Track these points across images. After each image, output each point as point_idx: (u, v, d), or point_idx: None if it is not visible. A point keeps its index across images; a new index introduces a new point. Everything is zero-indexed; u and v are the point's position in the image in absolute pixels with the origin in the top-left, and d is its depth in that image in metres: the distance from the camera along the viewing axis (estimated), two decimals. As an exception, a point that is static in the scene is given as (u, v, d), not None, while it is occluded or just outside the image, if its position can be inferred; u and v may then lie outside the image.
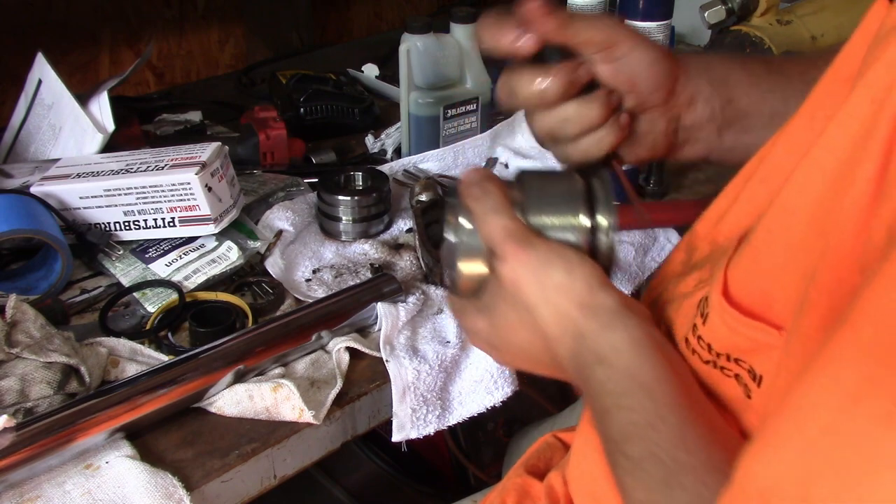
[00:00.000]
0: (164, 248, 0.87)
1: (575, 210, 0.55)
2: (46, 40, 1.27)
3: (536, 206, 0.55)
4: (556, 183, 0.57)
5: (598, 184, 0.56)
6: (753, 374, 0.45)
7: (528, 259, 0.52)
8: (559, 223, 0.55)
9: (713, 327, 0.48)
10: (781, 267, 0.43)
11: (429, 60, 1.06)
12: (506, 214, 0.53)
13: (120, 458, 0.64)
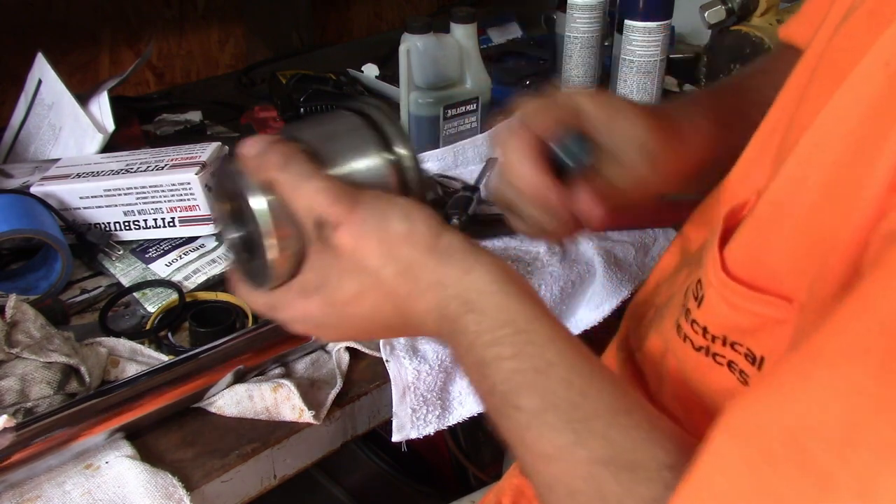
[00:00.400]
0: (164, 248, 0.87)
1: (374, 147, 0.50)
2: (46, 40, 1.27)
3: (333, 155, 0.50)
4: (338, 128, 0.52)
5: (380, 116, 0.52)
6: (752, 357, 0.44)
7: (362, 218, 0.47)
8: (364, 168, 0.49)
9: (711, 307, 0.46)
10: (791, 238, 0.41)
11: (429, 60, 1.06)
12: (320, 176, 0.48)
13: (120, 458, 0.64)
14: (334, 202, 0.47)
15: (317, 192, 0.47)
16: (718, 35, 1.22)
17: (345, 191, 0.47)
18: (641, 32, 1.16)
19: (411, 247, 0.46)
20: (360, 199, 0.47)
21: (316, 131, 0.51)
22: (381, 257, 0.47)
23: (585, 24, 1.22)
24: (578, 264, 0.90)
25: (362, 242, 0.47)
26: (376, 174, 0.50)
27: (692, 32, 1.48)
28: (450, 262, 0.46)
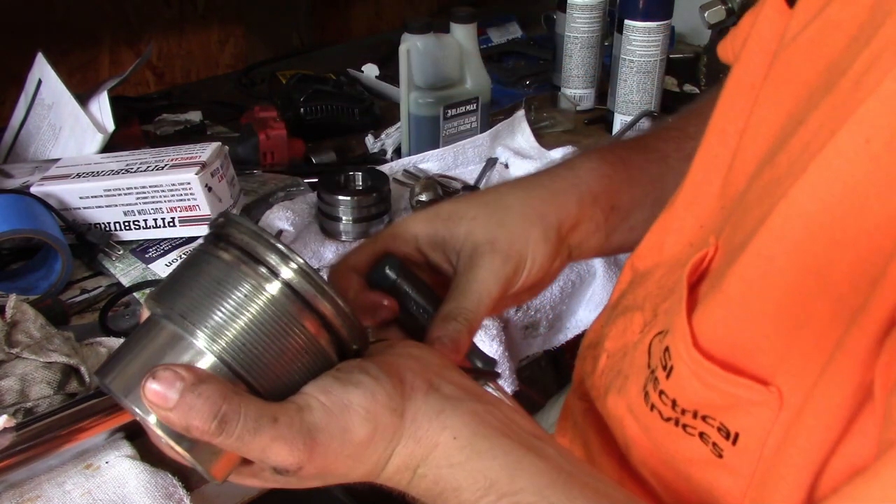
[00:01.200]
0: (164, 248, 0.87)
1: (244, 300, 0.40)
2: (46, 40, 1.27)
3: (250, 359, 0.40)
4: (207, 292, 0.40)
5: (245, 231, 0.41)
6: (726, 432, 0.42)
7: (324, 450, 0.41)
8: (289, 351, 0.40)
9: (680, 381, 0.44)
10: (764, 316, 0.39)
11: (429, 60, 1.06)
12: (267, 426, 0.39)
13: (120, 458, 0.64)
14: (290, 453, 0.40)
15: (266, 444, 0.40)
16: (718, 35, 1.22)
17: (298, 434, 0.40)
18: (641, 32, 1.16)
19: (375, 445, 0.42)
20: (315, 436, 0.40)
21: (181, 304, 0.40)
22: (350, 468, 0.44)
23: (585, 24, 1.22)
24: (578, 264, 0.90)
25: (330, 468, 0.42)
26: (311, 361, 0.41)
27: (692, 32, 1.48)
28: (416, 440, 0.42)
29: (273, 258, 0.41)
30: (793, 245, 0.38)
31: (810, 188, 0.37)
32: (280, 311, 0.41)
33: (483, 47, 1.24)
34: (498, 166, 1.10)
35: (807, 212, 0.37)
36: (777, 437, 0.40)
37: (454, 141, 1.11)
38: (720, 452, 0.43)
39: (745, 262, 0.40)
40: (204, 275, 0.40)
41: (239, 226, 0.41)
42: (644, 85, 1.18)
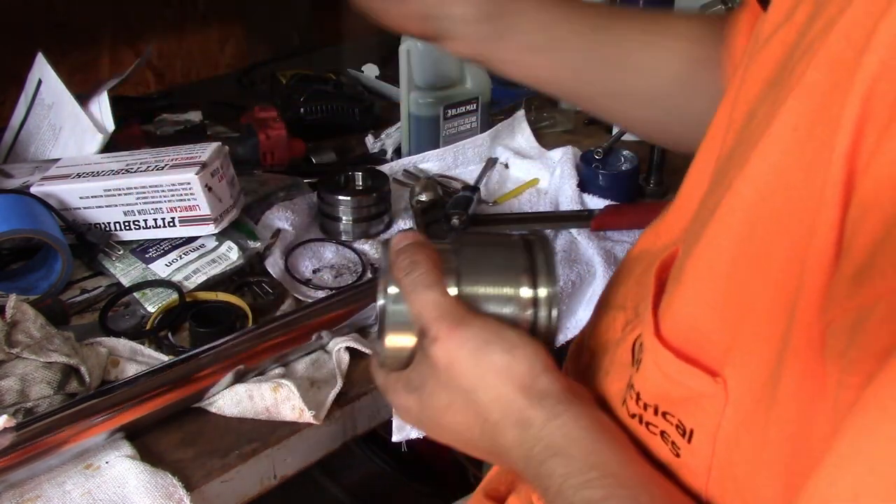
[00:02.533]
0: (164, 248, 0.87)
1: (514, 281, 0.49)
2: (46, 40, 1.27)
3: (473, 274, 0.50)
4: (495, 249, 0.52)
5: (541, 251, 0.51)
6: (683, 430, 0.42)
7: (463, 339, 0.47)
8: (496, 294, 0.49)
9: (645, 373, 0.44)
10: (712, 307, 0.40)
11: (429, 60, 1.06)
12: (436, 289, 0.48)
13: (120, 458, 0.64)
14: (439, 317, 0.48)
15: (426, 303, 0.48)
16: (718, 35, 1.22)
17: (456, 310, 0.48)
18: (641, 32, 1.15)
19: (505, 381, 0.46)
20: (466, 322, 0.48)
21: (476, 247, 0.52)
22: (474, 382, 0.47)
23: (585, 24, 1.22)
24: (578, 264, 0.90)
25: (456, 363, 0.47)
26: (504, 306, 0.49)
27: (692, 32, 1.48)
28: (539, 405, 0.46)
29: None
30: (736, 234, 0.39)
31: (750, 178, 0.38)
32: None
33: (483, 47, 1.24)
34: (498, 166, 1.10)
35: (747, 201, 0.38)
36: (726, 432, 0.39)
37: (454, 141, 1.11)
38: (678, 451, 0.43)
39: (698, 253, 0.41)
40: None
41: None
42: (644, 85, 1.18)
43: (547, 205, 1.02)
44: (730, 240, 0.39)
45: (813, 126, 0.35)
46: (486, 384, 0.47)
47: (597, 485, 0.42)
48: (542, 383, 0.46)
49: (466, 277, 0.50)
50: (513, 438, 0.46)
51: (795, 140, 0.36)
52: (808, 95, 0.36)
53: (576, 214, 0.98)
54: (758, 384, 0.37)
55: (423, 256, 0.50)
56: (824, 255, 0.33)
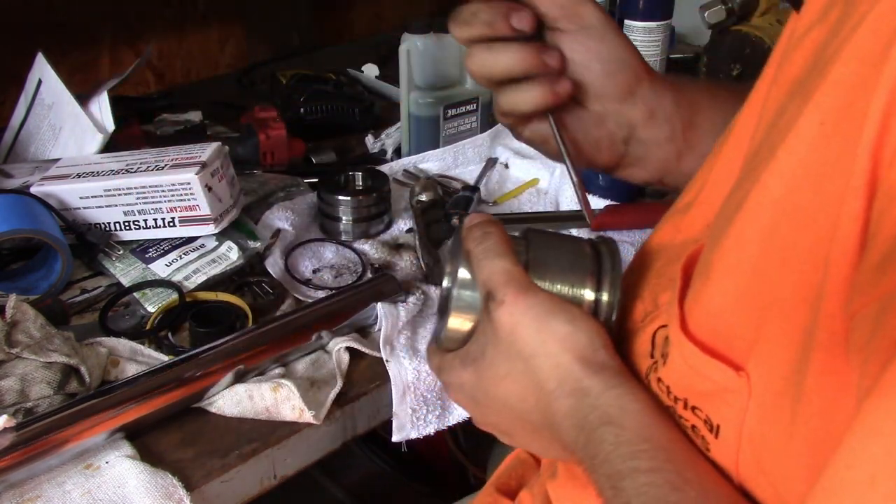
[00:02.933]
0: (164, 248, 0.87)
1: (579, 281, 0.51)
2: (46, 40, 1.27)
3: (540, 269, 0.51)
4: (564, 248, 0.53)
5: (608, 258, 0.53)
6: (710, 425, 0.42)
7: (528, 304, 0.48)
8: (560, 292, 0.51)
9: (673, 367, 0.45)
10: (737, 301, 0.40)
11: (429, 60, 1.06)
12: (507, 258, 0.50)
13: (120, 458, 0.64)
14: (507, 282, 0.49)
15: (495, 269, 0.50)
16: (718, 35, 1.22)
17: (524, 277, 0.50)
18: (641, 32, 1.16)
19: (565, 349, 0.47)
20: (532, 290, 0.49)
21: (545, 243, 0.54)
22: (534, 348, 0.48)
23: (585, 24, 1.22)
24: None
25: (519, 328, 0.48)
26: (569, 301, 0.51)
27: (692, 32, 1.48)
28: (597, 375, 0.46)
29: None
30: (762, 228, 0.39)
31: (777, 172, 0.38)
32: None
33: (483, 47, 1.24)
34: (498, 166, 1.10)
35: (774, 195, 0.38)
36: (751, 427, 0.40)
37: (454, 141, 1.11)
38: (707, 446, 0.43)
39: (725, 247, 0.41)
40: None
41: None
42: (644, 85, 1.18)
43: (547, 205, 1.02)
44: (756, 233, 0.39)
45: (839, 120, 0.35)
46: (547, 351, 0.48)
47: (646, 456, 0.43)
48: (601, 356, 0.47)
49: (534, 271, 0.51)
50: (567, 407, 0.47)
51: (822, 134, 0.36)
52: (834, 90, 0.36)
53: (576, 214, 0.98)
54: (781, 378, 0.37)
55: (496, 230, 0.52)
56: (849, 247, 0.33)
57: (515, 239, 0.54)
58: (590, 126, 0.62)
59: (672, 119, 0.61)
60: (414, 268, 0.88)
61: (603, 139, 0.62)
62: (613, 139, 0.62)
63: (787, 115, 0.40)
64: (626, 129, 0.62)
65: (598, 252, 0.53)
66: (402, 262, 0.89)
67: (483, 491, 0.72)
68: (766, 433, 0.39)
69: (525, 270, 0.51)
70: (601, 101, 0.61)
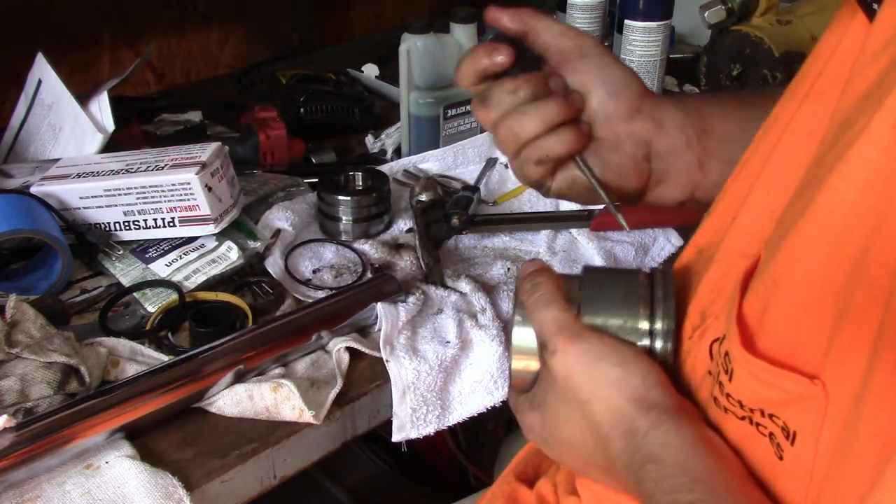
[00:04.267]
0: (164, 248, 0.87)
1: (633, 312, 0.52)
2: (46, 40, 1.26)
3: (593, 304, 0.53)
4: (617, 282, 0.55)
5: (661, 287, 0.54)
6: (787, 432, 0.42)
7: (579, 352, 0.50)
8: (614, 325, 0.52)
9: (741, 382, 0.45)
10: (807, 308, 0.40)
11: (429, 60, 1.06)
12: (556, 307, 0.52)
13: (120, 458, 0.64)
14: (557, 332, 0.51)
15: (546, 319, 0.52)
16: (718, 35, 1.22)
17: (573, 325, 0.51)
18: (641, 32, 1.16)
19: (617, 393, 0.49)
20: (582, 336, 0.51)
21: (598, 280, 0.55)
22: (588, 393, 0.50)
23: (585, 23, 1.22)
24: (578, 264, 0.90)
25: (572, 375, 0.50)
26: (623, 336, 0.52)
27: (692, 32, 1.48)
28: (645, 415, 0.48)
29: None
30: (833, 234, 0.39)
31: (849, 178, 0.38)
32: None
33: (483, 47, 1.24)
34: (498, 166, 1.10)
35: (847, 200, 0.38)
36: (829, 434, 0.39)
37: (454, 141, 1.11)
38: (781, 454, 0.43)
39: (789, 250, 0.42)
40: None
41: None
42: (644, 85, 1.18)
43: (547, 205, 1.02)
44: (827, 240, 0.39)
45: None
46: (600, 395, 0.49)
47: (685, 489, 0.44)
48: (653, 395, 0.48)
49: (586, 309, 0.53)
50: (620, 448, 0.48)
51: (894, 138, 0.36)
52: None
53: (576, 214, 0.98)
54: (855, 383, 0.37)
55: (545, 279, 0.54)
56: None
57: (569, 279, 0.55)
58: (609, 154, 0.62)
59: (683, 127, 0.62)
60: (414, 268, 0.88)
61: (625, 163, 0.63)
62: (635, 160, 0.63)
63: (859, 123, 0.39)
64: (643, 147, 0.62)
65: (652, 281, 0.54)
66: (402, 262, 0.89)
67: (501, 479, 0.73)
68: (841, 439, 0.38)
69: (577, 312, 0.53)
70: (611, 125, 0.62)
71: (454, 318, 0.79)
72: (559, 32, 0.62)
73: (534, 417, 0.54)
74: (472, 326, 0.79)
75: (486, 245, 0.95)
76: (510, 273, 0.88)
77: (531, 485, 0.69)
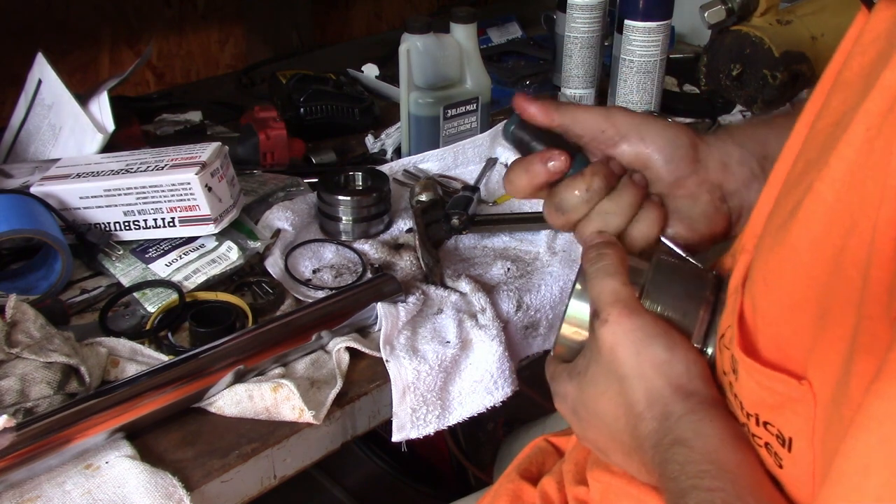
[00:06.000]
0: (164, 248, 0.87)
1: (691, 313, 0.53)
2: (46, 40, 1.27)
3: (655, 294, 0.53)
4: (685, 276, 0.55)
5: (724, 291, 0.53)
6: (782, 439, 0.43)
7: (630, 326, 0.50)
8: (672, 318, 0.53)
9: (743, 383, 0.46)
10: (792, 309, 0.41)
11: (429, 60, 1.06)
12: (618, 279, 0.53)
13: (120, 458, 0.64)
14: (613, 302, 0.51)
15: (605, 288, 0.52)
16: (718, 35, 1.22)
17: (631, 299, 0.52)
18: (641, 32, 1.16)
19: (660, 375, 0.49)
20: (637, 312, 0.51)
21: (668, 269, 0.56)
22: (632, 369, 0.50)
23: (585, 24, 1.22)
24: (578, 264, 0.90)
25: (619, 348, 0.50)
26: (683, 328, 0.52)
27: (692, 32, 1.48)
28: (683, 401, 0.48)
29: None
30: (814, 235, 0.40)
31: (829, 180, 0.39)
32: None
33: (483, 47, 1.24)
34: (498, 166, 1.10)
35: (826, 203, 0.39)
36: (820, 435, 0.40)
37: (454, 141, 1.11)
38: (780, 462, 0.44)
39: (780, 255, 0.42)
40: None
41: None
42: (644, 85, 1.18)
43: (547, 205, 1.02)
44: (808, 241, 0.40)
45: (883, 124, 0.36)
46: (642, 374, 0.50)
47: (709, 476, 0.44)
48: (694, 385, 0.49)
49: (649, 295, 0.53)
50: (651, 429, 0.49)
51: (867, 139, 0.37)
52: (881, 95, 0.37)
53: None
54: (833, 385, 0.37)
55: (612, 251, 0.55)
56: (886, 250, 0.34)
57: (638, 267, 0.56)
58: (690, 210, 0.62)
59: (744, 160, 0.62)
60: (414, 268, 0.88)
61: (707, 211, 0.62)
62: (714, 205, 0.62)
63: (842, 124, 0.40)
64: (717, 190, 0.62)
65: (719, 285, 0.54)
66: (402, 262, 0.89)
67: (504, 476, 0.73)
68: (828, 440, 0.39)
69: (639, 294, 0.53)
70: (680, 185, 0.62)
71: (454, 318, 0.79)
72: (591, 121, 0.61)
73: (571, 386, 0.54)
74: (472, 326, 0.79)
75: (486, 245, 0.95)
76: (510, 273, 0.88)
77: (535, 482, 0.70)
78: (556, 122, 0.61)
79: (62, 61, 1.30)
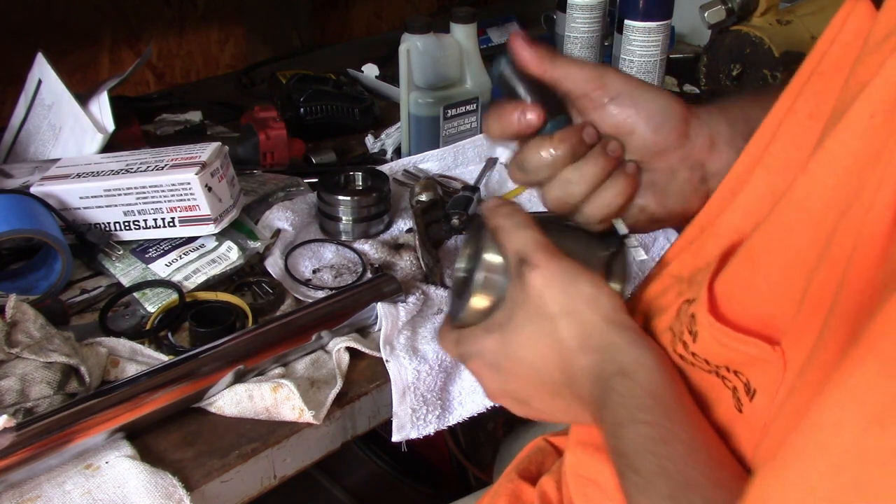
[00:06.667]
0: (164, 248, 0.87)
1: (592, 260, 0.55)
2: (46, 40, 1.27)
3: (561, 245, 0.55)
4: (580, 240, 0.57)
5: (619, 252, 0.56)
6: (748, 388, 0.45)
7: (559, 268, 0.52)
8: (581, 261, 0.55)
9: (705, 344, 0.47)
10: (779, 283, 0.43)
11: (429, 60, 1.06)
12: (536, 229, 0.54)
13: (120, 458, 0.64)
14: (538, 248, 0.53)
15: (528, 238, 0.54)
16: (718, 35, 1.22)
17: (551, 245, 0.54)
18: (641, 32, 1.16)
19: (591, 309, 0.51)
20: (560, 255, 0.53)
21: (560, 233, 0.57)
22: (561, 307, 0.51)
23: (585, 24, 1.22)
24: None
25: (548, 289, 0.52)
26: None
27: (692, 32, 1.48)
28: (621, 333, 0.50)
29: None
30: (812, 217, 0.40)
31: (829, 163, 0.40)
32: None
33: (483, 47, 1.24)
34: (498, 166, 1.10)
35: (826, 185, 0.40)
36: (782, 397, 0.41)
37: (454, 141, 1.11)
38: (740, 407, 0.45)
39: (768, 229, 0.43)
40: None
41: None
42: (644, 85, 1.18)
43: (547, 205, 1.02)
44: (805, 223, 0.41)
45: (889, 111, 0.37)
46: (574, 309, 0.51)
47: (647, 410, 0.46)
48: (622, 318, 0.51)
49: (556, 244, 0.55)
50: (588, 362, 0.50)
51: (871, 126, 0.38)
52: (886, 83, 0.37)
53: (576, 214, 0.98)
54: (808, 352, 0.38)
55: (519, 209, 0.57)
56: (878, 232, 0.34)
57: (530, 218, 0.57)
58: (666, 184, 0.61)
59: (733, 140, 0.61)
60: (414, 268, 0.88)
61: (684, 189, 0.61)
62: (692, 184, 0.61)
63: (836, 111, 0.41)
64: (699, 169, 0.61)
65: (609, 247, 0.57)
66: (402, 262, 0.89)
67: (503, 476, 0.73)
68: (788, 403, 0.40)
69: None
70: (662, 157, 0.60)
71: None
72: (583, 79, 0.59)
73: (490, 340, 0.54)
74: (472, 326, 0.79)
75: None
76: (510, 273, 0.88)
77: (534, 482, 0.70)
78: (547, 75, 0.59)
79: (62, 61, 1.30)
